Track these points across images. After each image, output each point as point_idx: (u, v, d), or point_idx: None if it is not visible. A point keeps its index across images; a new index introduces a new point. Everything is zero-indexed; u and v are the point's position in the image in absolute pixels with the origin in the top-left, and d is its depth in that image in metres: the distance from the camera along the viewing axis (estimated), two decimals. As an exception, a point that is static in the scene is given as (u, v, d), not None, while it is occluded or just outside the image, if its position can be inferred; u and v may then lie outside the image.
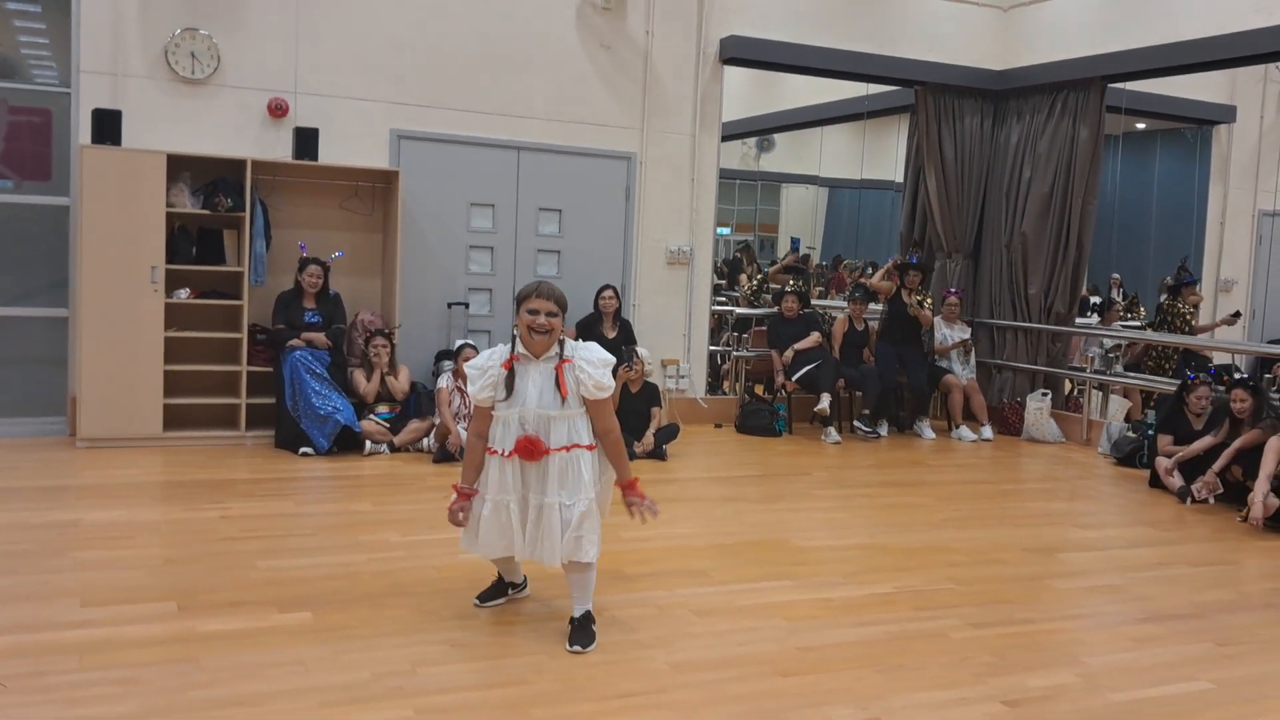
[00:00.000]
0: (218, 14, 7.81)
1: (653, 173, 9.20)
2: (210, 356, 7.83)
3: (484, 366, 4.17)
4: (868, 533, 6.16)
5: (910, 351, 9.60)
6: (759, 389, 9.74)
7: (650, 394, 8.21)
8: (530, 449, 4.05)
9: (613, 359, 4.25)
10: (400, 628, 4.26)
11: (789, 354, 9.26)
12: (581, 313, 8.73)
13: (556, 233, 8.98)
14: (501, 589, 4.62)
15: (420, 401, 8.01)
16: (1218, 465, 7.07)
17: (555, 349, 4.13)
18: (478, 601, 4.57)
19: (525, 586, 4.73)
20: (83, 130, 7.50)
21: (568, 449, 4.10)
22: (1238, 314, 10.41)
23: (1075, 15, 9.74)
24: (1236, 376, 7.69)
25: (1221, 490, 7.06)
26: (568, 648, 4.10)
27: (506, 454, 4.11)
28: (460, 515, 4.23)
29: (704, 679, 3.91)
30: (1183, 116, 10.69)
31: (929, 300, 9.82)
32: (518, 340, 4.15)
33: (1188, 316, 10.08)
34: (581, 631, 4.16)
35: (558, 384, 4.07)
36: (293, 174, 8.05)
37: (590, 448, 4.16)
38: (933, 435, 9.60)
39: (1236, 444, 7.04)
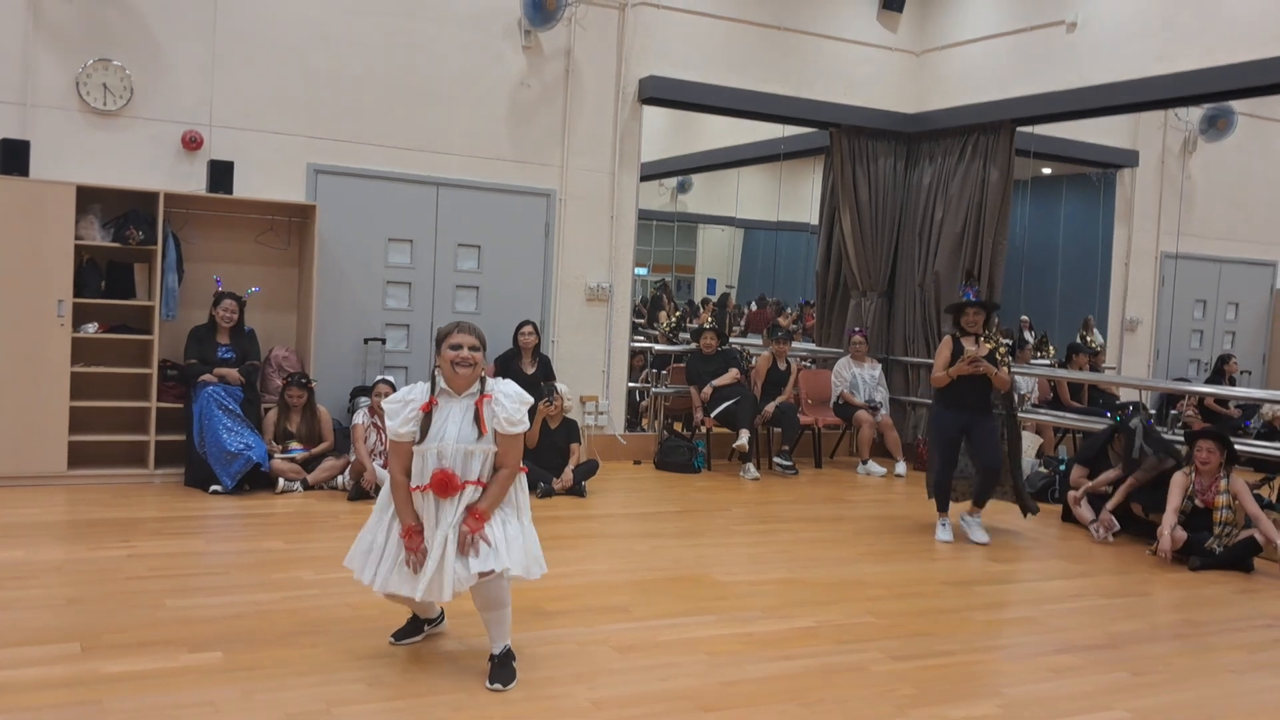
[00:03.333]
0: (132, 45, 7.66)
1: (572, 210, 9.22)
2: (118, 392, 7.61)
3: (404, 400, 4.13)
4: (788, 567, 6.18)
5: (980, 423, 7.06)
6: (678, 425, 9.75)
7: (569, 430, 8.18)
8: (445, 484, 4.00)
9: (530, 400, 4.24)
10: (315, 667, 4.15)
11: (707, 390, 9.30)
12: (500, 348, 8.67)
13: (475, 268, 8.93)
14: (417, 626, 4.54)
15: (336, 439, 7.87)
16: (1111, 503, 7.34)
17: (476, 385, 4.14)
18: (393, 640, 4.47)
19: (442, 620, 4.65)
20: (-13, 159, 7.29)
21: (479, 484, 4.07)
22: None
23: (986, 61, 10.03)
24: (1200, 426, 7.88)
25: (1118, 528, 7.29)
26: (488, 685, 4.03)
27: (422, 488, 4.05)
28: (416, 555, 4.05)
29: (626, 715, 3.87)
30: (1088, 160, 11.04)
31: (1003, 350, 7.05)
32: (438, 378, 4.14)
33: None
34: (501, 669, 4.09)
35: (476, 419, 4.06)
36: (207, 207, 7.90)
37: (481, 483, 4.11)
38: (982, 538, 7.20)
39: (1129, 483, 7.29)
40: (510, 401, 4.11)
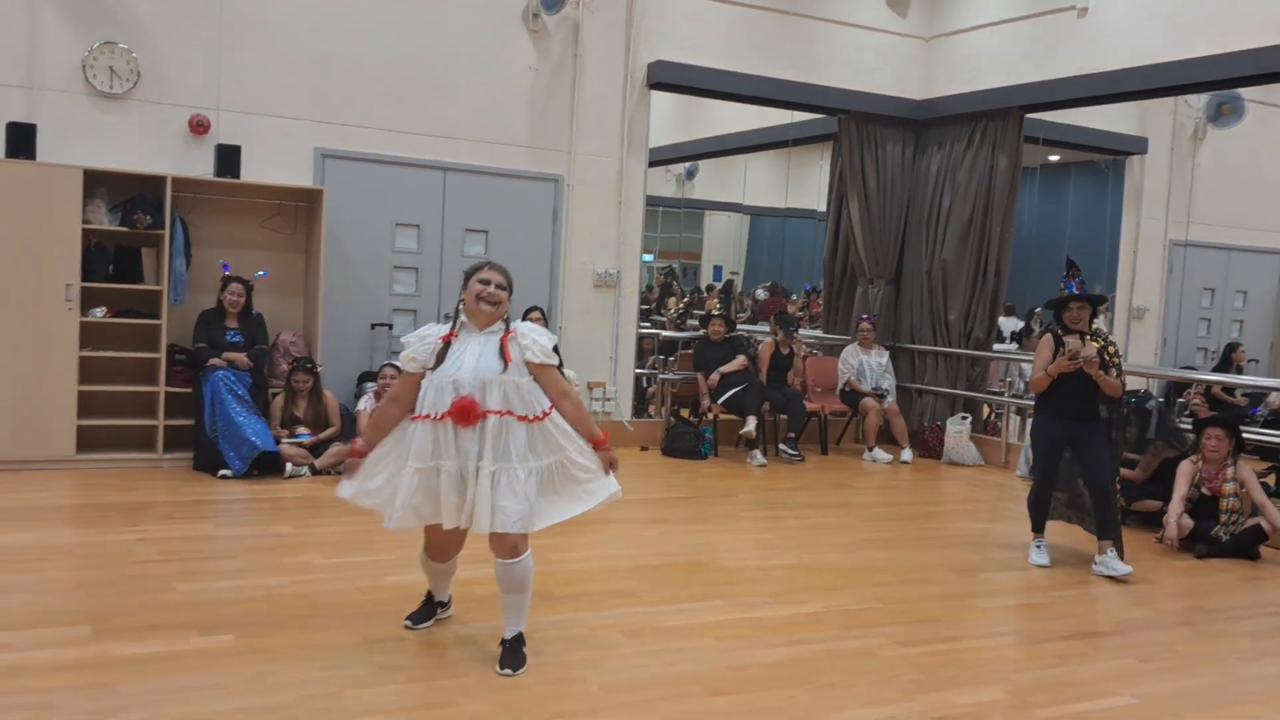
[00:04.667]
0: (138, 28, 7.65)
1: (580, 195, 9.21)
2: (127, 377, 7.62)
3: (424, 335, 4.16)
4: (795, 553, 6.19)
5: (1086, 434, 6.13)
6: (685, 412, 9.75)
7: (578, 416, 8.16)
8: (466, 411, 3.95)
9: (555, 339, 4.26)
10: (325, 650, 4.17)
11: (715, 377, 9.30)
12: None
13: (483, 254, 8.92)
14: (431, 609, 4.55)
15: (343, 424, 7.88)
16: (1174, 512, 6.72)
17: (499, 325, 4.13)
18: (409, 623, 4.48)
19: (450, 607, 4.66)
20: (-5, 143, 7.30)
21: (501, 414, 4.00)
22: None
23: (995, 46, 9.99)
24: (1208, 415, 7.77)
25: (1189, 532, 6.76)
26: (498, 670, 4.04)
27: (439, 416, 3.99)
28: (352, 472, 4.17)
29: (635, 699, 3.88)
30: (1097, 147, 10.99)
31: (1112, 350, 6.23)
32: (460, 314, 4.14)
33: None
34: (512, 654, 4.10)
35: (501, 352, 4.05)
36: (214, 192, 7.90)
37: (524, 419, 4.04)
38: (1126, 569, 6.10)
39: (1137, 474, 7.33)
40: (536, 334, 4.14)
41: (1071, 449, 6.24)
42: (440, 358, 4.07)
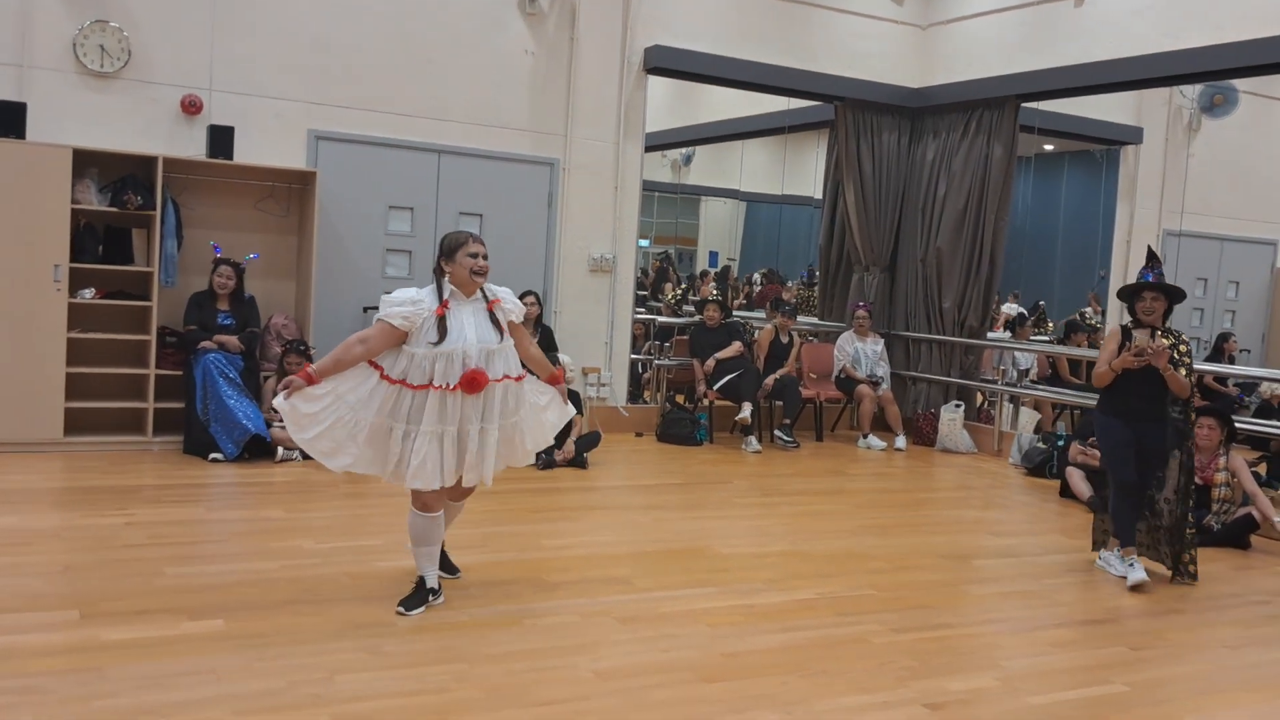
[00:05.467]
0: (129, 6, 7.58)
1: (576, 180, 9.16)
2: (116, 359, 7.57)
3: (415, 299, 4.31)
4: (789, 540, 6.18)
5: (1151, 432, 5.75)
6: (680, 398, 9.73)
7: (571, 401, 8.12)
8: (474, 382, 4.26)
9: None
10: (316, 635, 4.15)
11: (710, 363, 9.28)
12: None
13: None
14: (423, 596, 4.54)
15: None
16: None
17: (479, 292, 4.45)
18: (401, 609, 4.46)
19: (457, 571, 4.92)
20: (-16, 122, 7.22)
21: (503, 379, 4.39)
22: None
23: (991, 35, 9.96)
24: (1200, 404, 7.68)
25: None
26: (448, 576, 4.78)
27: (450, 388, 4.26)
28: (289, 391, 4.26)
29: (628, 686, 3.87)
30: (1092, 137, 10.97)
31: (1184, 348, 5.82)
32: (446, 285, 4.36)
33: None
34: (450, 561, 4.86)
35: (494, 323, 4.41)
36: (206, 173, 7.84)
37: (519, 379, 4.50)
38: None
39: None
40: (510, 297, 4.58)
41: (1139, 451, 5.74)
42: (440, 329, 4.27)
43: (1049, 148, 11.38)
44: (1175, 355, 5.69)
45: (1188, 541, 5.77)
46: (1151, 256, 5.99)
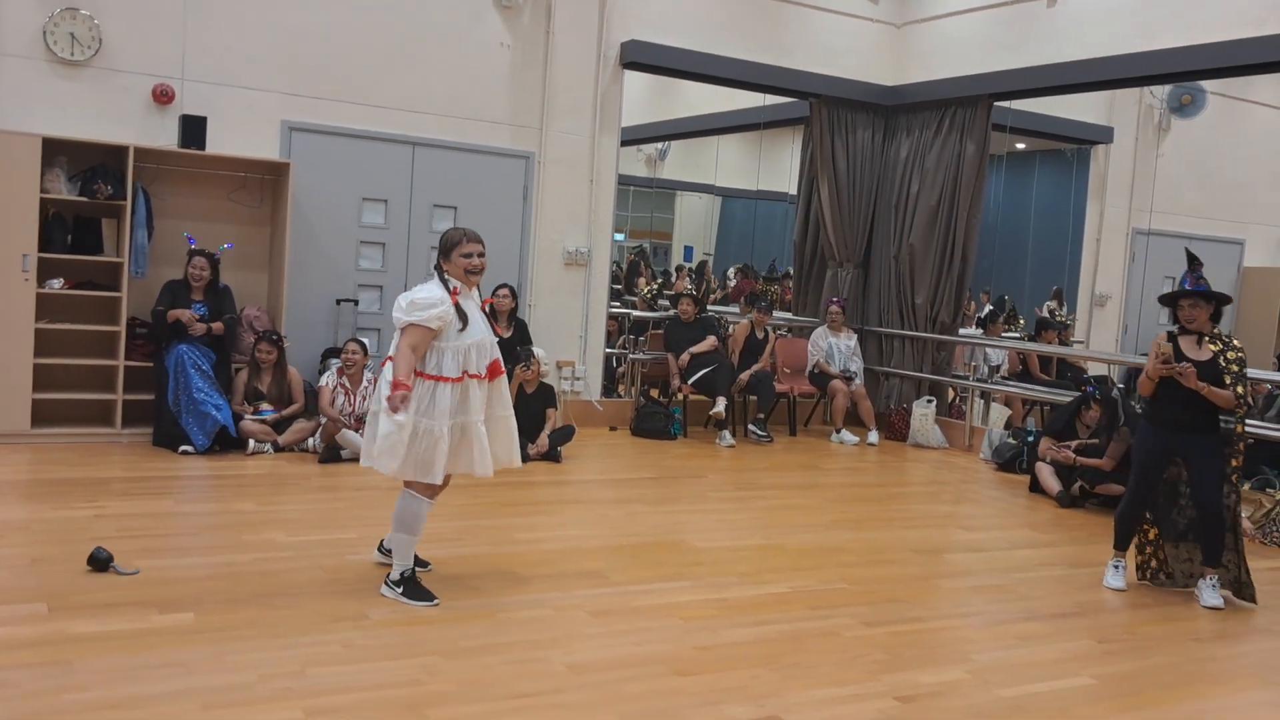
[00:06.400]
0: (100, -6, 7.51)
1: (551, 173, 9.14)
2: (85, 350, 7.49)
3: (438, 299, 4.46)
4: (762, 534, 6.20)
5: (1197, 447, 5.41)
6: (655, 392, 9.74)
7: (545, 395, 8.15)
8: (497, 369, 4.60)
9: None
10: (288, 628, 4.13)
11: (685, 357, 9.29)
12: (476, 313, 8.62)
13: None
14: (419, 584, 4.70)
15: (306, 401, 7.80)
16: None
17: (475, 289, 4.67)
18: (431, 603, 4.56)
19: (428, 565, 4.94)
20: (-49, 110, 7.14)
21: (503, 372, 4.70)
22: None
23: (965, 34, 10.01)
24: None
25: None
26: (419, 569, 4.73)
27: (483, 376, 4.52)
28: (404, 404, 4.38)
29: (601, 679, 3.88)
30: (1063, 136, 11.06)
31: (1233, 354, 5.41)
32: (450, 280, 4.55)
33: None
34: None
35: (488, 320, 4.71)
36: (178, 163, 7.77)
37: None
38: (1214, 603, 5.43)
39: (1111, 460, 7.34)
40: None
41: (1185, 466, 5.48)
42: (462, 315, 4.49)
43: (1021, 146, 11.46)
44: (1222, 362, 5.35)
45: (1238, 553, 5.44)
46: (1192, 260, 5.58)
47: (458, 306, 4.48)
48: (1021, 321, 11.40)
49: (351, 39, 8.29)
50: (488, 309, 4.79)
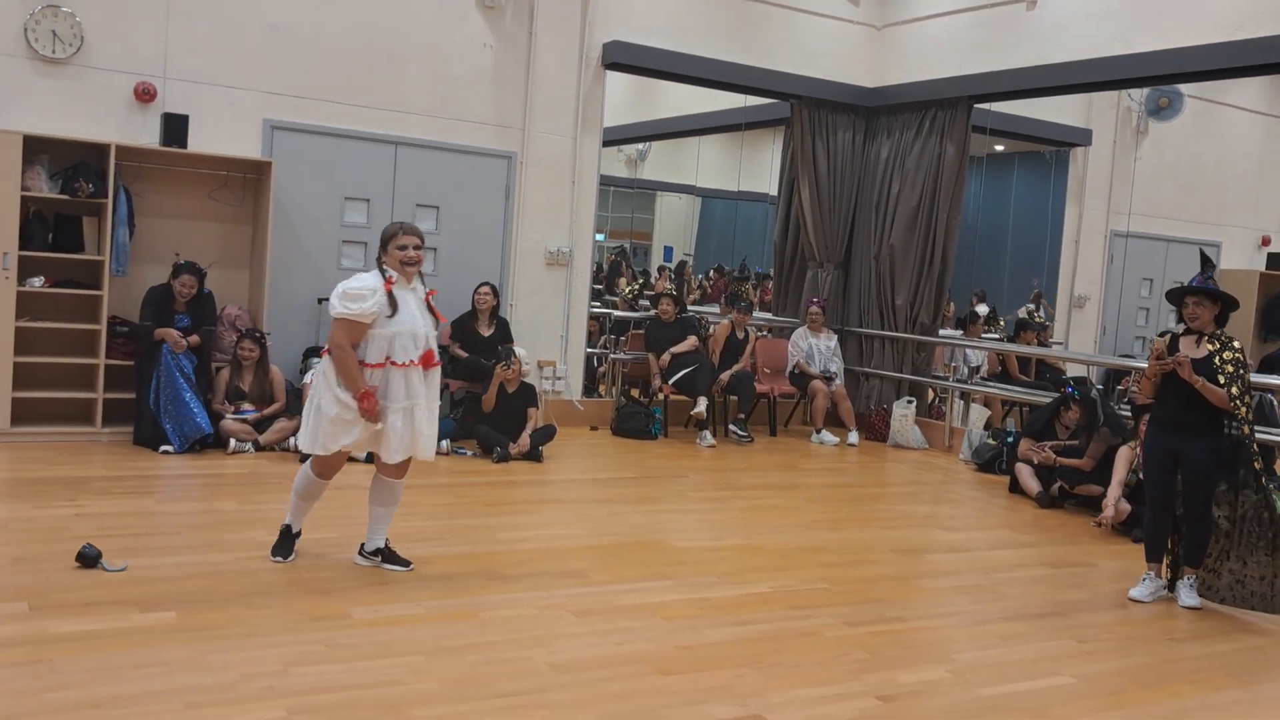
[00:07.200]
0: (81, -9, 7.47)
1: (533, 173, 9.15)
2: (66, 348, 7.46)
3: (373, 288, 4.64)
4: (743, 534, 6.23)
5: (1190, 447, 5.37)
6: (635, 392, 9.76)
7: (527, 394, 8.16)
8: (429, 359, 4.75)
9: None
10: (270, 628, 4.13)
11: (666, 357, 9.32)
12: (459, 310, 8.63)
13: (434, 230, 8.84)
14: (291, 541, 5.04)
15: (288, 400, 7.78)
16: (1113, 496, 6.82)
17: (417, 280, 4.83)
18: (279, 558, 4.94)
19: (409, 564, 5.04)
20: (-70, 106, 7.09)
21: (437, 364, 4.85)
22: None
23: (945, 37, 10.07)
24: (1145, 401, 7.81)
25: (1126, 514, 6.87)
26: (400, 569, 4.92)
27: (413, 363, 4.67)
28: (373, 415, 4.63)
29: (584, 678, 3.89)
30: (1042, 138, 11.14)
31: (1230, 354, 5.31)
32: (386, 270, 4.71)
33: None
34: (397, 554, 4.99)
35: (430, 310, 4.82)
36: (160, 161, 7.74)
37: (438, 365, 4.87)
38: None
39: (1085, 461, 7.41)
40: (434, 299, 4.92)
41: (1181, 465, 5.43)
42: (393, 303, 4.63)
43: (1000, 148, 11.54)
44: (1217, 362, 5.28)
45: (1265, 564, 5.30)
46: (1205, 261, 5.62)
47: (391, 294, 4.63)
48: (1001, 323, 11.48)
49: (334, 38, 8.28)
50: (431, 300, 4.87)
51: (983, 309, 11.28)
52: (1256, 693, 4.42)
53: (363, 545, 5.02)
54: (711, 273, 12.75)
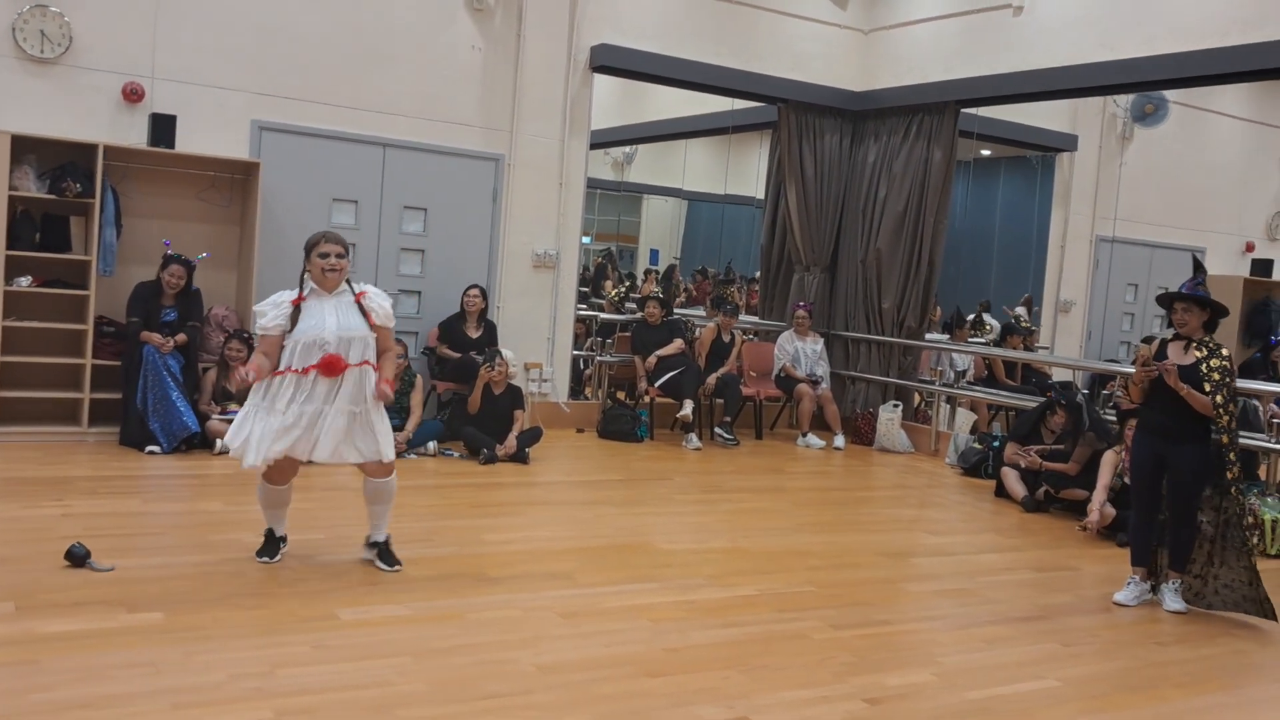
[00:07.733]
0: (69, -10, 7.45)
1: (520, 176, 9.16)
2: (52, 348, 7.43)
3: (277, 302, 4.79)
4: (729, 536, 6.25)
5: (1176, 454, 5.39)
6: (621, 394, 9.77)
7: (513, 396, 8.16)
8: (332, 365, 4.67)
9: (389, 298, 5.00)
10: (258, 629, 4.13)
11: (652, 360, 9.33)
12: (446, 312, 8.63)
13: (421, 231, 8.85)
14: (276, 544, 5.00)
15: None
16: (1097, 501, 6.84)
17: (344, 286, 4.84)
18: (265, 559, 4.92)
19: (287, 540, 5.10)
20: (-84, 105, 7.06)
21: (361, 365, 4.76)
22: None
23: (933, 41, 10.11)
24: (1129, 406, 7.83)
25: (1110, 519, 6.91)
26: (386, 568, 4.93)
27: (304, 370, 4.66)
28: (249, 375, 4.67)
29: (571, 680, 3.90)
30: (1028, 143, 11.20)
31: (1216, 362, 5.30)
32: (307, 281, 4.79)
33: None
34: (391, 553, 5.00)
35: (362, 312, 4.81)
36: (148, 161, 7.73)
37: (377, 367, 4.83)
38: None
39: (1071, 466, 7.45)
40: (381, 298, 4.90)
41: (1164, 471, 5.46)
42: (292, 318, 4.71)
43: (987, 153, 11.59)
44: (1204, 369, 5.27)
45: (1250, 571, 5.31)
46: (1198, 267, 5.61)
47: (296, 309, 4.71)
48: (988, 327, 11.53)
49: (323, 39, 8.27)
50: (363, 301, 4.84)
51: (989, 319, 11.31)
52: (1241, 696, 4.46)
53: (368, 536, 5.12)
54: (695, 275, 12.77)
